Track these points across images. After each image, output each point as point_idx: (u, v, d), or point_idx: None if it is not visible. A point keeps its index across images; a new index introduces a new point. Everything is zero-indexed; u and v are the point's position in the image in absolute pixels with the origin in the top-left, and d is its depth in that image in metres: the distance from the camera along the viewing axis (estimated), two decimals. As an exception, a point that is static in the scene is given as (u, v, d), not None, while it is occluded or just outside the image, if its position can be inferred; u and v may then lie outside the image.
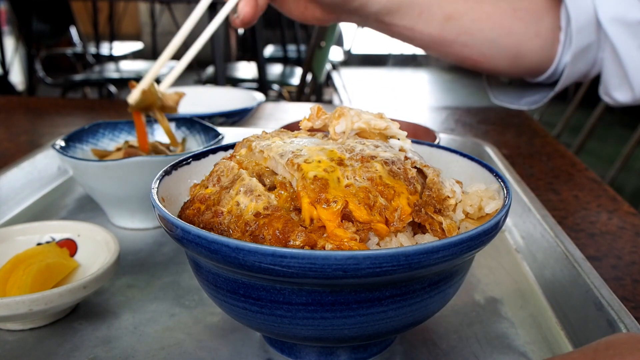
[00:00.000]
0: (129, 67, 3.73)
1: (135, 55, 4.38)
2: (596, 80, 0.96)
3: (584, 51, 0.91)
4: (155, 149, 0.74)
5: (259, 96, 1.15)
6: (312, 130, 0.54)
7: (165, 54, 0.74)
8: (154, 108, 0.70)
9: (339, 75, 4.14)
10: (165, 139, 0.80)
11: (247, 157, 0.48)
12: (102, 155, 0.74)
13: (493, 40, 0.93)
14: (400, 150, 0.49)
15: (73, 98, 2.69)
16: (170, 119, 0.81)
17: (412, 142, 0.53)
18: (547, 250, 0.61)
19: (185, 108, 1.11)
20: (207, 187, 0.47)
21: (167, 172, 0.50)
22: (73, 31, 3.86)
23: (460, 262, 0.41)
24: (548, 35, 0.93)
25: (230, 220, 0.42)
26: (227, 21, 0.82)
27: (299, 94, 2.95)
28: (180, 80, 0.81)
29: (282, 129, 0.55)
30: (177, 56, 0.77)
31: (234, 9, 0.77)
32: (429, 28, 0.94)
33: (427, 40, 0.95)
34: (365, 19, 0.93)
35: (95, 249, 0.58)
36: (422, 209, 0.43)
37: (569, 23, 0.91)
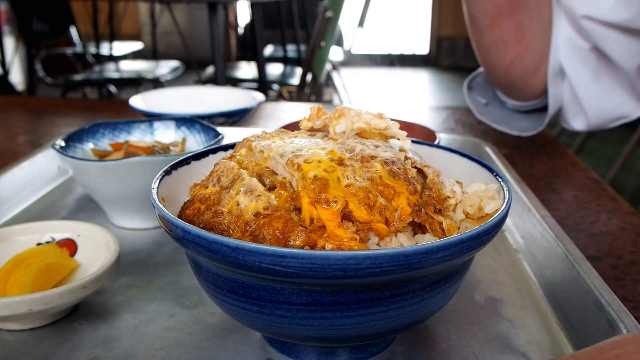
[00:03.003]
0: (129, 67, 3.73)
1: (135, 55, 4.38)
2: None
3: (558, 74, 0.91)
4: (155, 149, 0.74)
5: (259, 96, 1.15)
6: (312, 130, 0.54)
7: None
8: None
9: (339, 75, 4.14)
10: (165, 139, 0.80)
11: (247, 157, 0.48)
12: (102, 155, 0.74)
13: (544, 32, 0.91)
14: (400, 150, 0.49)
15: (73, 98, 2.69)
16: (171, 119, 0.81)
17: (412, 142, 0.53)
18: (547, 250, 0.61)
19: (186, 108, 1.11)
20: (207, 187, 0.47)
21: (167, 172, 0.50)
22: (73, 31, 3.86)
23: (460, 262, 0.41)
24: (544, 48, 0.94)
25: (230, 220, 0.42)
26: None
27: (299, 94, 2.95)
28: (180, 80, 0.81)
29: (282, 129, 0.55)
30: (181, 59, 0.77)
31: None
32: None
33: None
34: None
35: (95, 249, 0.58)
36: (422, 209, 0.43)
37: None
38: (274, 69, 3.54)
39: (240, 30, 4.72)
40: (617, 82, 0.90)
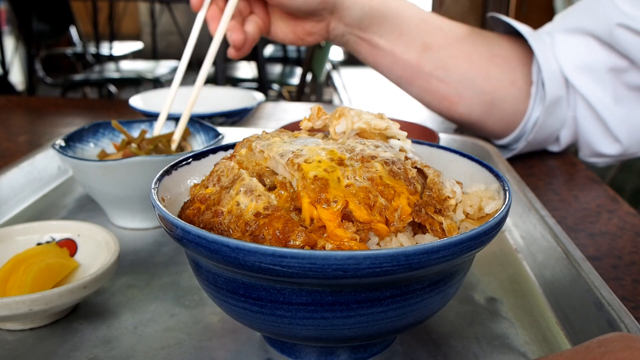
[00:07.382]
0: (129, 67, 3.73)
1: (135, 55, 4.39)
2: None
3: (555, 103, 0.92)
4: (156, 148, 0.74)
5: (259, 96, 1.15)
6: (312, 130, 0.54)
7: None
8: None
9: (339, 75, 4.15)
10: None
11: (247, 157, 0.48)
12: (103, 155, 0.74)
13: (470, 81, 0.94)
14: (400, 150, 0.49)
15: (73, 98, 2.69)
16: (171, 119, 0.81)
17: (412, 142, 0.53)
18: (547, 250, 0.61)
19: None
20: (207, 187, 0.47)
21: (167, 172, 0.50)
22: (73, 31, 3.87)
23: (460, 262, 0.41)
24: (522, 85, 0.94)
25: (230, 220, 0.42)
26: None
27: (299, 94, 2.95)
28: (181, 80, 0.81)
29: (282, 129, 0.55)
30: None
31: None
32: (407, 54, 0.95)
33: (406, 67, 0.96)
34: (350, 29, 0.93)
35: (95, 249, 0.58)
36: (423, 209, 0.43)
37: (539, 76, 0.91)
38: (274, 69, 3.54)
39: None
40: (639, 101, 0.90)
